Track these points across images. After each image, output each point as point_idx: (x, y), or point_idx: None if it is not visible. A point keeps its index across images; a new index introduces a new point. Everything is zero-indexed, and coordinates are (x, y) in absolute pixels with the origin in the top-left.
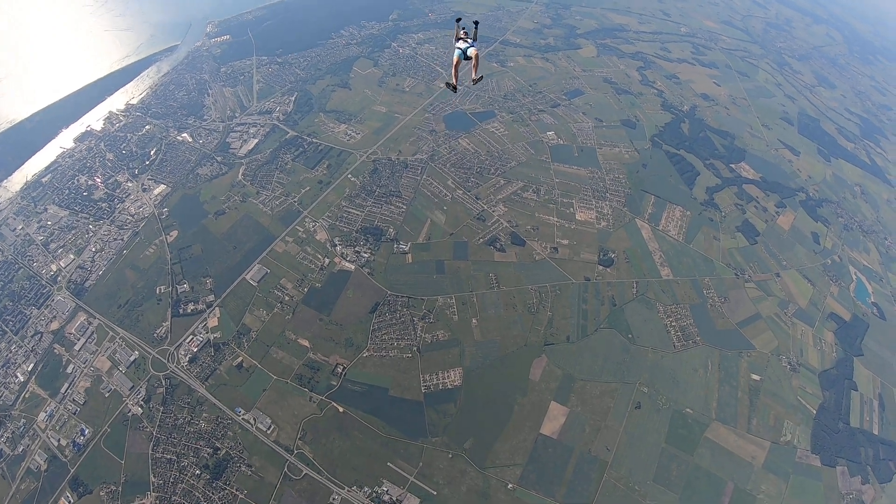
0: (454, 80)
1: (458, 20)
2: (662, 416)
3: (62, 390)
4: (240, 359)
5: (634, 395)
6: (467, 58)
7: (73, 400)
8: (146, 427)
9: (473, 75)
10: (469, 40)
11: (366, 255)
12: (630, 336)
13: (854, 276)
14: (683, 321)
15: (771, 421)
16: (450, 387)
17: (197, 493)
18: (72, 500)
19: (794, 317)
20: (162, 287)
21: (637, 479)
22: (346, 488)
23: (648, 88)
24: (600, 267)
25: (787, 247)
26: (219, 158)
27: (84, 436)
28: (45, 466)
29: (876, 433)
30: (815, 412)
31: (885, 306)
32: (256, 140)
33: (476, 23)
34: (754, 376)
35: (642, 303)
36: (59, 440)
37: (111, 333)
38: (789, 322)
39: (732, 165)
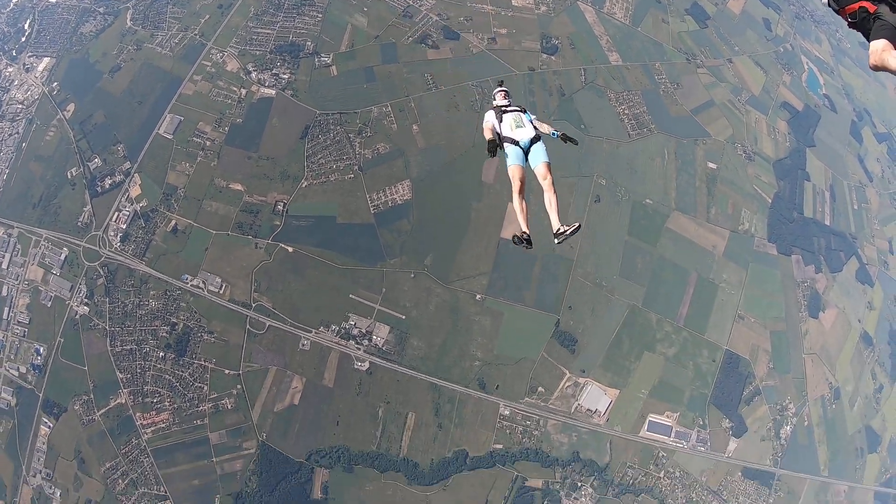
0: (523, 221)
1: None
2: (623, 207)
3: (3, 316)
4: (173, 222)
5: (593, 189)
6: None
7: (18, 322)
8: (98, 324)
9: (555, 219)
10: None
11: (285, 76)
12: (583, 126)
13: (806, 66)
14: (636, 108)
15: (729, 209)
16: (400, 202)
17: (167, 376)
18: (50, 425)
19: (748, 104)
20: (73, 170)
21: (603, 275)
22: (314, 331)
23: None
24: (544, 55)
25: (737, 32)
26: (101, 9)
27: (40, 355)
28: (14, 401)
29: (828, 224)
30: (770, 201)
31: (836, 99)
32: None
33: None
34: (710, 164)
35: (592, 91)
36: (18, 369)
37: (34, 238)
38: (743, 109)
39: None
